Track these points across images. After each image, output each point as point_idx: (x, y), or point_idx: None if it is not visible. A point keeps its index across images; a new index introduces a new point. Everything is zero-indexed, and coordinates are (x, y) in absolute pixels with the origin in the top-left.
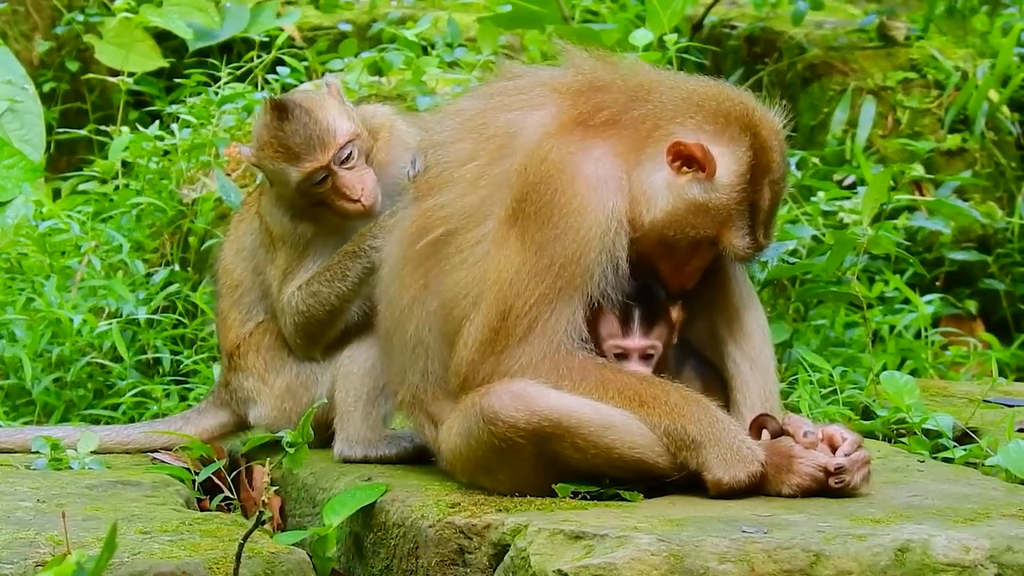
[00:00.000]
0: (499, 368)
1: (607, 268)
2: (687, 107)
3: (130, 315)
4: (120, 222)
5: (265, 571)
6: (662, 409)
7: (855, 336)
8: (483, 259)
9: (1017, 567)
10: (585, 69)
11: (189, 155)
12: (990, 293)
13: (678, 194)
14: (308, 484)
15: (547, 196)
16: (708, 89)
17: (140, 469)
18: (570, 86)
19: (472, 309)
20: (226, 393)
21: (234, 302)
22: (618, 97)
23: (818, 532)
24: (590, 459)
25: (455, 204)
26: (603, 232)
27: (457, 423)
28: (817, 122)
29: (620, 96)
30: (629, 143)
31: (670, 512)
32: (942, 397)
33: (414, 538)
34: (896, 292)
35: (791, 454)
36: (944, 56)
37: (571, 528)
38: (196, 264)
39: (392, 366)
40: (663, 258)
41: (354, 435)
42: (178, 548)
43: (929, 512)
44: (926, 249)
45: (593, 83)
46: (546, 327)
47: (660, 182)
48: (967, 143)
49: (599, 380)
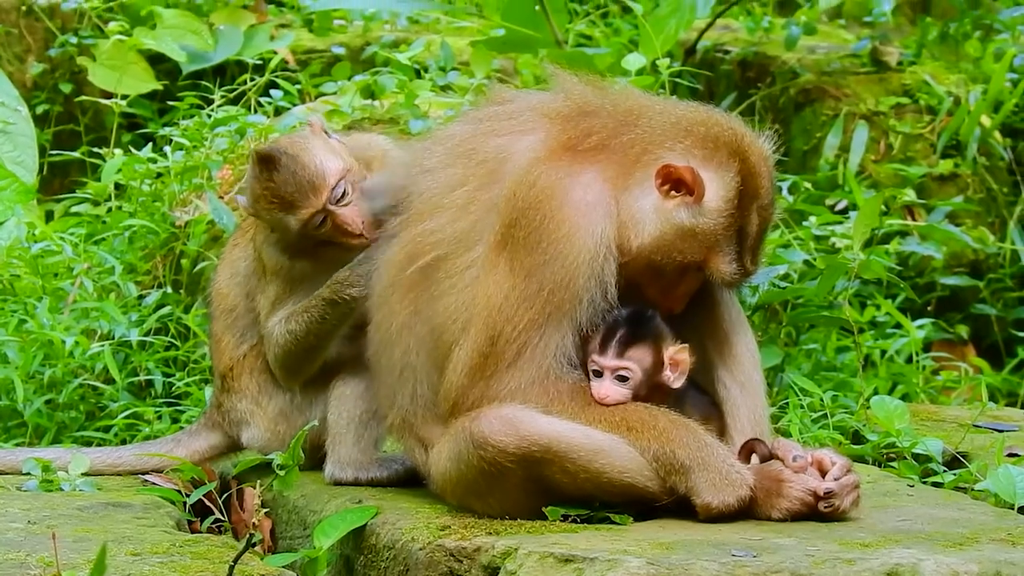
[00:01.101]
0: (488, 393)
1: (596, 294)
2: (676, 132)
3: (122, 337)
4: (113, 244)
5: None
6: (651, 434)
7: (846, 360)
8: (472, 284)
9: None
10: (574, 94)
11: (182, 178)
12: (981, 318)
13: (666, 218)
14: (299, 506)
15: (536, 222)
16: (697, 115)
17: (131, 491)
18: (559, 111)
19: (461, 334)
20: (218, 415)
21: (228, 325)
22: (607, 122)
23: (807, 556)
24: (580, 484)
25: (445, 230)
26: (592, 258)
27: (447, 447)
28: (809, 147)
29: (609, 121)
30: (618, 168)
31: (660, 536)
32: (932, 422)
33: (404, 560)
34: (887, 317)
35: (780, 478)
36: (936, 81)
37: (561, 551)
38: (188, 286)
39: (381, 389)
40: (651, 283)
41: (345, 457)
42: (168, 570)
43: (918, 536)
44: (918, 274)
45: (582, 108)
46: (535, 352)
47: (648, 206)
48: (959, 168)
49: (587, 405)
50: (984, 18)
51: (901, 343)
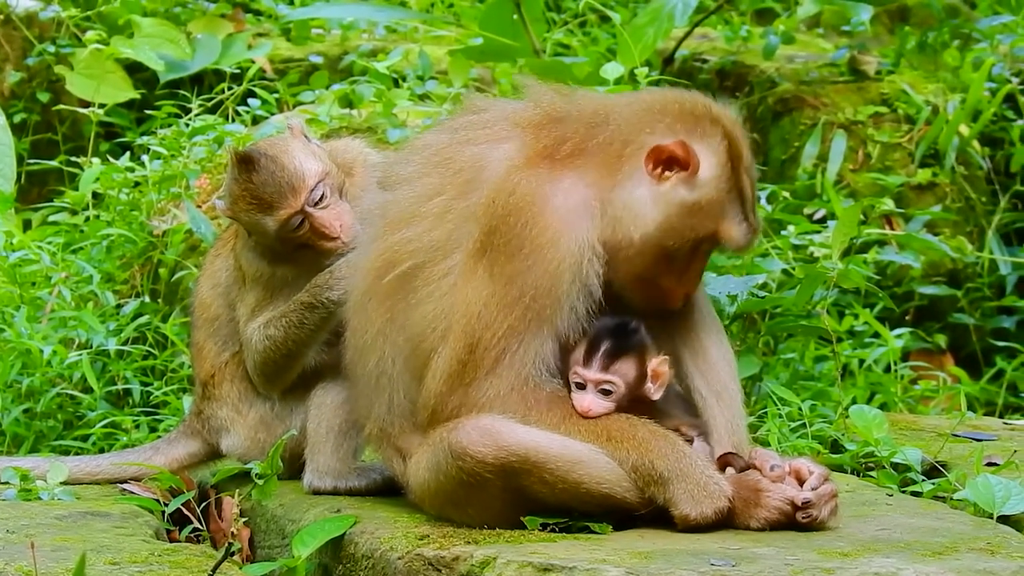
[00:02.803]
0: (467, 400)
1: (578, 300)
2: (651, 117)
3: (100, 346)
4: (90, 253)
5: None
6: (630, 444)
7: (824, 370)
8: (451, 292)
9: None
10: (543, 102)
11: (160, 187)
12: (960, 328)
13: (667, 201)
14: (277, 515)
15: (516, 228)
16: (664, 96)
17: (110, 500)
18: (530, 120)
19: (440, 342)
20: (198, 422)
21: (210, 334)
22: (578, 127)
23: (786, 565)
24: (558, 494)
25: (422, 238)
26: (575, 263)
27: (425, 458)
28: (788, 156)
29: (579, 126)
30: (600, 169)
31: (639, 545)
32: (911, 431)
33: (383, 570)
34: (866, 326)
35: (758, 488)
36: (915, 91)
37: (540, 560)
38: (166, 295)
39: (359, 399)
40: (663, 272)
41: (324, 466)
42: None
43: (897, 546)
44: (896, 283)
45: (551, 115)
46: (514, 359)
47: (644, 196)
48: (937, 178)
49: (566, 414)
50: (962, 27)
51: (879, 352)
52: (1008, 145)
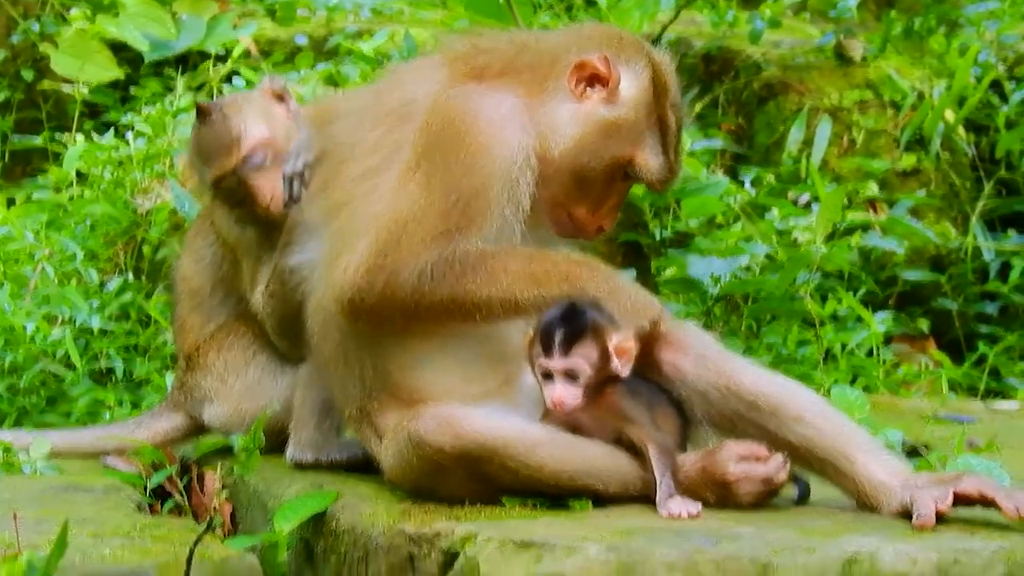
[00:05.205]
0: (388, 288)
1: (507, 206)
2: (579, 39)
3: (83, 323)
4: (74, 231)
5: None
6: (557, 280)
7: (807, 353)
8: (377, 202)
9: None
10: (471, 39)
11: (144, 165)
12: (942, 313)
13: (586, 118)
14: (259, 490)
15: (450, 141)
16: (594, 24)
17: (92, 474)
18: (457, 53)
19: (357, 241)
20: (181, 394)
21: (193, 307)
22: (506, 50)
23: (767, 544)
24: (522, 479)
25: (353, 173)
26: (506, 169)
27: (391, 446)
28: (772, 141)
29: (508, 49)
30: (528, 85)
31: (620, 522)
32: (892, 413)
33: (364, 545)
34: (849, 310)
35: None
36: (900, 76)
37: (521, 537)
38: (150, 273)
39: (333, 382)
40: (578, 199)
41: (307, 440)
42: (129, 552)
43: (877, 525)
44: (879, 268)
45: (478, 47)
46: (443, 251)
47: (566, 112)
48: (922, 163)
49: (492, 270)
50: (949, 13)
51: (862, 336)
52: (993, 131)
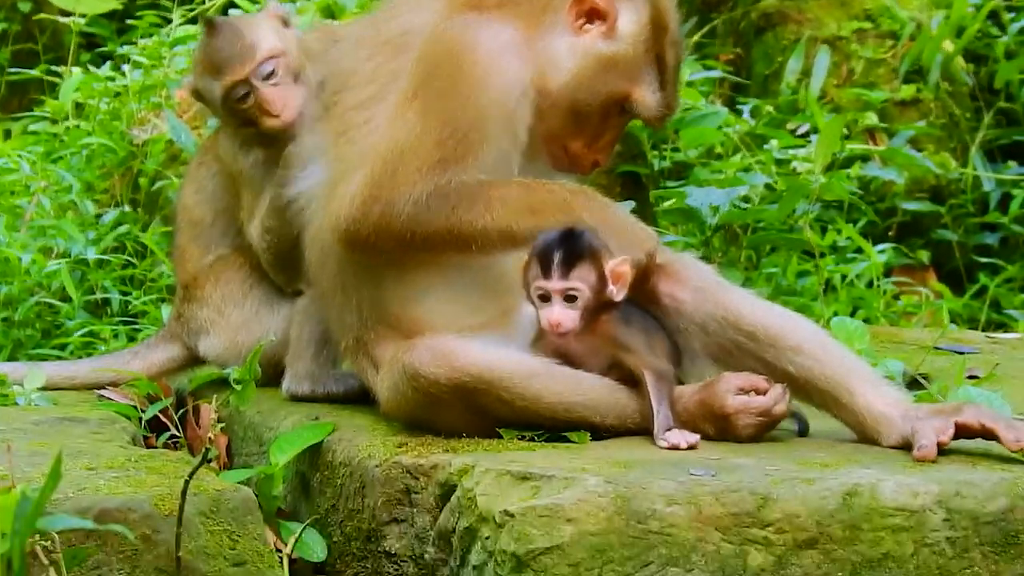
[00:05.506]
0: (383, 219)
1: (504, 138)
2: None
3: (79, 255)
4: (71, 162)
5: (211, 508)
6: (553, 209)
7: (807, 285)
8: (374, 132)
9: (965, 512)
10: None
11: (140, 96)
12: (943, 244)
13: (584, 52)
14: (255, 423)
15: (448, 70)
16: None
17: (87, 406)
18: None
19: (353, 172)
20: (178, 325)
21: (193, 237)
22: None
23: (766, 476)
24: (518, 411)
25: (352, 102)
26: (506, 98)
27: (387, 378)
28: (771, 71)
29: None
30: (527, 17)
31: (618, 454)
32: (892, 344)
33: (360, 477)
34: (848, 241)
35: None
36: (899, 6)
37: (518, 469)
38: (146, 205)
39: (330, 311)
40: (574, 133)
41: (303, 371)
42: (124, 484)
43: (878, 457)
44: (879, 199)
45: None
46: (439, 182)
47: (564, 46)
48: (921, 93)
49: (488, 200)
50: None
51: (862, 267)
52: (992, 61)
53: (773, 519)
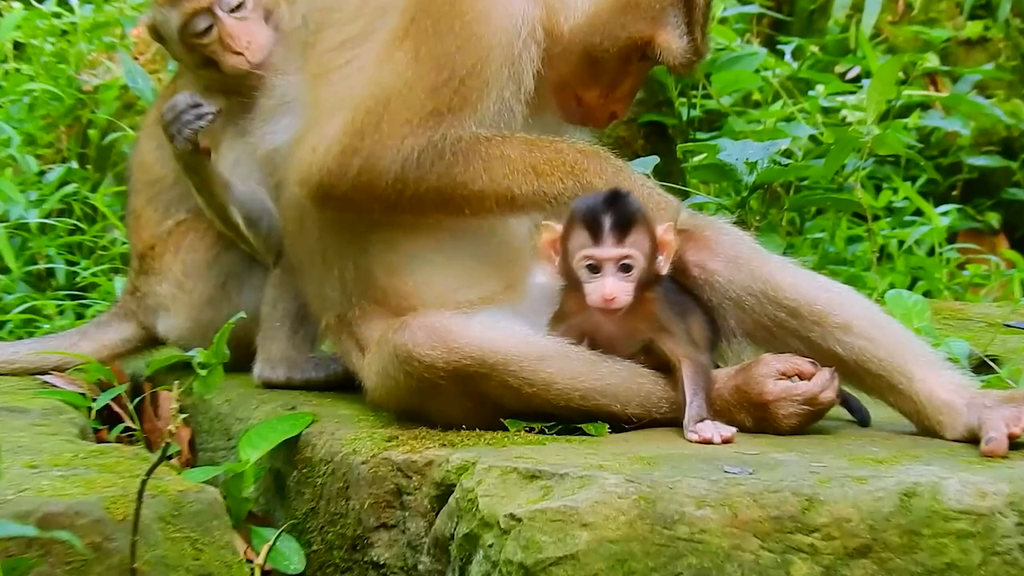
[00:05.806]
0: (364, 175)
1: (507, 86)
2: None
3: (19, 219)
4: (9, 111)
5: (171, 512)
6: (562, 172)
7: (858, 252)
8: (356, 74)
9: None
10: None
11: (91, 36)
12: (1015, 204)
13: None
14: (223, 413)
15: (444, 6)
16: None
17: (28, 394)
18: None
19: (330, 117)
20: (133, 301)
21: (150, 198)
22: None
23: (812, 473)
24: (526, 399)
25: (332, 42)
26: (510, 39)
27: (375, 361)
28: (817, 6)
29: None
30: None
31: (641, 449)
32: (957, 320)
33: (344, 476)
34: (906, 202)
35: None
36: None
37: (526, 466)
38: (97, 161)
39: (309, 286)
40: (589, 82)
41: (277, 354)
42: (71, 485)
43: (940, 451)
44: (941, 153)
45: None
46: (432, 135)
47: None
48: (989, 32)
49: (487, 158)
50: None
51: (921, 232)
52: None
53: (820, 524)
